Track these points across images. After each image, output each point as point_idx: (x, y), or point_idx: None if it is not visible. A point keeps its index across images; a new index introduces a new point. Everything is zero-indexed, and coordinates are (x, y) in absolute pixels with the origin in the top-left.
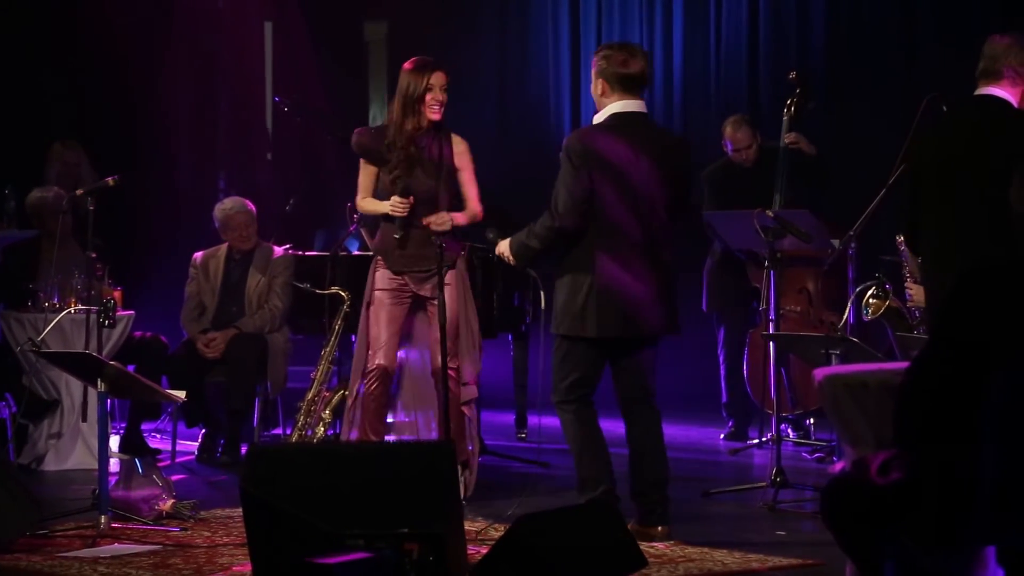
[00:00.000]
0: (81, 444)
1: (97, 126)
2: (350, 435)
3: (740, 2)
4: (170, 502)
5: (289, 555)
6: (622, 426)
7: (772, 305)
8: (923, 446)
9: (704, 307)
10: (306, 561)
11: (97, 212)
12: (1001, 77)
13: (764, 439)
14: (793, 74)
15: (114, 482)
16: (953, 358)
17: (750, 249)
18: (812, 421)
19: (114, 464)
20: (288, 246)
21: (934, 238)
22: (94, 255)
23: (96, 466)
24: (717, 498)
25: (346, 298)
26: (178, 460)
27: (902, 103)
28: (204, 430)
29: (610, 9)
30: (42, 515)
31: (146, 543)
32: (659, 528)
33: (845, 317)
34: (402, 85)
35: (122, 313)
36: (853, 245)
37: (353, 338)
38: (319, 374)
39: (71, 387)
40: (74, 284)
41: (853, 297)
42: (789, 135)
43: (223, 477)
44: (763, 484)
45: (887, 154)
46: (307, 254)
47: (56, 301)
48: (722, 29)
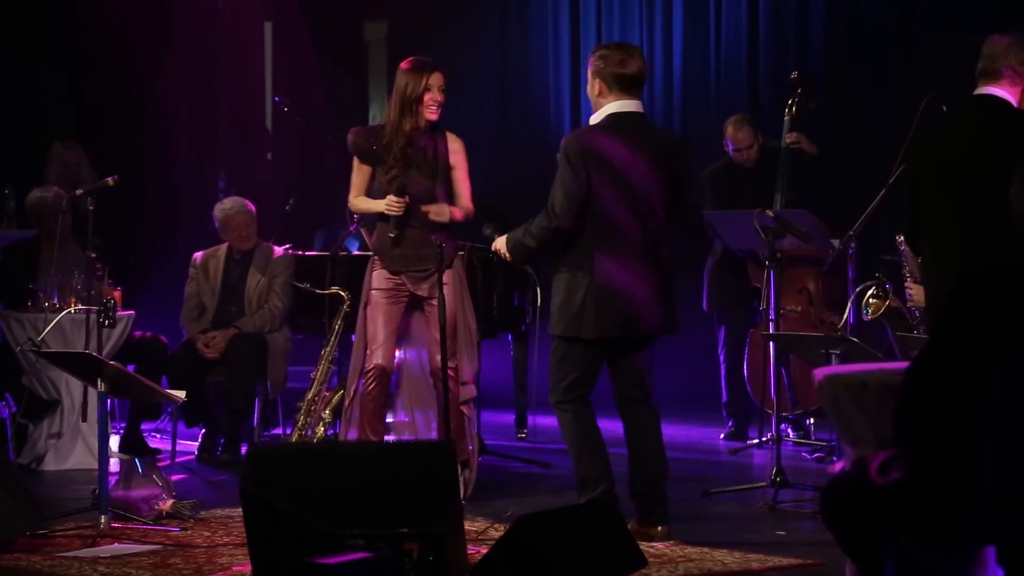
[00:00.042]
0: (81, 444)
1: (97, 126)
2: (349, 435)
3: (740, 2)
4: (170, 502)
5: (289, 555)
6: (620, 426)
7: (772, 305)
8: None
9: (705, 306)
10: (306, 561)
11: (97, 212)
12: (1000, 77)
13: (764, 439)
14: (795, 74)
15: (114, 482)
16: (953, 358)
17: (751, 249)
18: (812, 421)
19: (114, 464)
20: (288, 246)
21: (934, 238)
22: (94, 255)
23: (96, 466)
24: (717, 498)
25: (346, 298)
26: (178, 460)
27: (902, 103)
28: (204, 430)
29: (610, 9)
30: (42, 515)
31: (146, 543)
32: (659, 528)
33: (845, 317)
34: (400, 85)
35: (122, 313)
36: (853, 245)
37: (353, 338)
38: (319, 374)
39: (71, 387)
40: (74, 284)
41: (853, 297)
42: (790, 135)
43: (223, 477)
44: (763, 484)
45: (887, 154)
46: (307, 254)
47: (56, 301)
48: (722, 29)
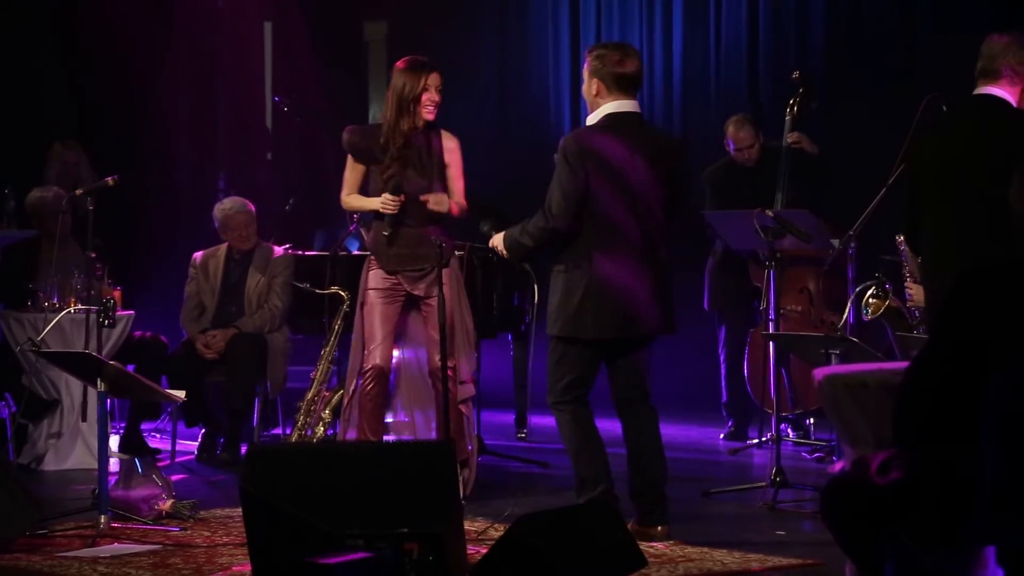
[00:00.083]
0: (81, 444)
1: (97, 126)
2: (348, 435)
3: (740, 2)
4: (170, 502)
5: (289, 555)
6: (619, 425)
7: (772, 305)
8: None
9: (706, 306)
10: (306, 561)
11: (97, 212)
12: (1000, 76)
13: (764, 439)
14: (796, 74)
15: (114, 482)
16: (953, 358)
17: (751, 249)
18: (812, 421)
19: (114, 464)
20: (288, 246)
21: (934, 238)
22: (94, 255)
23: (96, 466)
24: (717, 498)
25: (346, 298)
26: (178, 460)
27: (902, 103)
28: (204, 430)
29: (610, 9)
30: (42, 515)
31: (146, 543)
32: (659, 528)
33: (845, 317)
34: (397, 85)
35: (122, 313)
36: (853, 245)
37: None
38: (319, 374)
39: (71, 387)
40: (74, 284)
41: (853, 297)
42: (791, 135)
43: (223, 477)
44: (763, 484)
45: (887, 154)
46: (307, 254)
47: (56, 301)
48: (722, 29)
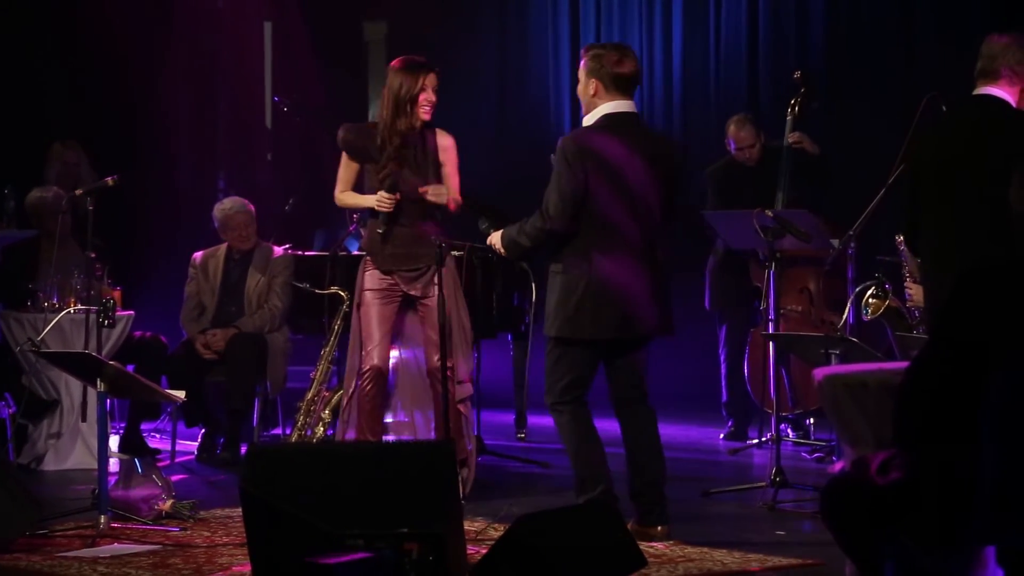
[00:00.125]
0: (81, 444)
1: (97, 126)
2: (346, 436)
3: (740, 2)
4: (169, 502)
5: (289, 555)
6: (617, 425)
7: (772, 305)
8: (923, 446)
9: (707, 305)
10: (306, 561)
11: (97, 212)
12: (999, 77)
13: (764, 439)
14: (798, 73)
15: (114, 482)
16: (953, 358)
17: (751, 249)
18: (812, 421)
19: (114, 464)
20: (288, 246)
21: (934, 238)
22: (94, 255)
23: (96, 466)
24: (717, 498)
25: (346, 298)
26: (178, 460)
27: (902, 103)
28: (204, 430)
29: (609, 9)
30: (42, 515)
31: (146, 543)
32: (658, 528)
33: (845, 317)
34: (394, 85)
35: (121, 313)
36: (853, 245)
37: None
38: (319, 374)
39: (71, 387)
40: (74, 284)
41: (853, 297)
42: (793, 134)
43: (223, 477)
44: (763, 484)
45: (887, 154)
46: (307, 254)
47: (56, 301)
48: (722, 29)
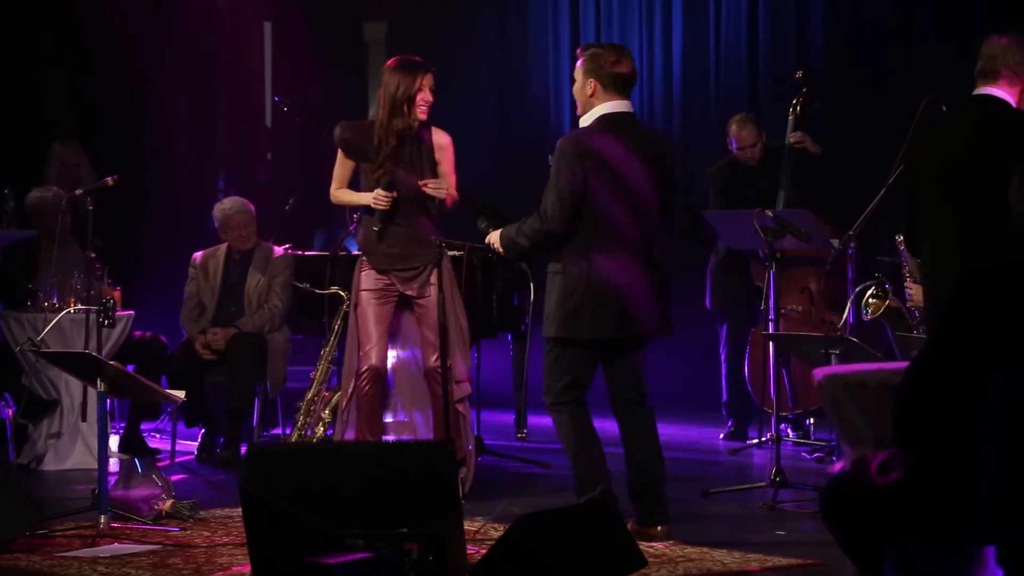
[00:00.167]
0: (81, 444)
1: (97, 126)
2: (345, 436)
3: (740, 2)
4: (169, 502)
5: (289, 555)
6: (615, 425)
7: (772, 305)
8: (923, 446)
9: (708, 304)
10: (306, 561)
11: (97, 212)
12: (999, 77)
13: (764, 439)
14: (800, 73)
15: (114, 482)
16: (953, 358)
17: (752, 248)
18: (812, 421)
19: (114, 464)
20: (288, 246)
21: (934, 238)
22: (94, 255)
23: (96, 466)
24: (717, 498)
25: (346, 298)
26: (178, 460)
27: (902, 103)
28: (204, 430)
29: (609, 9)
30: (42, 515)
31: (145, 543)
32: (658, 528)
33: (845, 317)
34: (390, 85)
35: (121, 313)
36: (853, 245)
37: None
38: (319, 374)
39: (71, 387)
40: (73, 284)
41: (853, 297)
42: (794, 134)
43: (223, 477)
44: (763, 484)
45: (887, 154)
46: (307, 254)
47: (56, 301)
48: (722, 29)
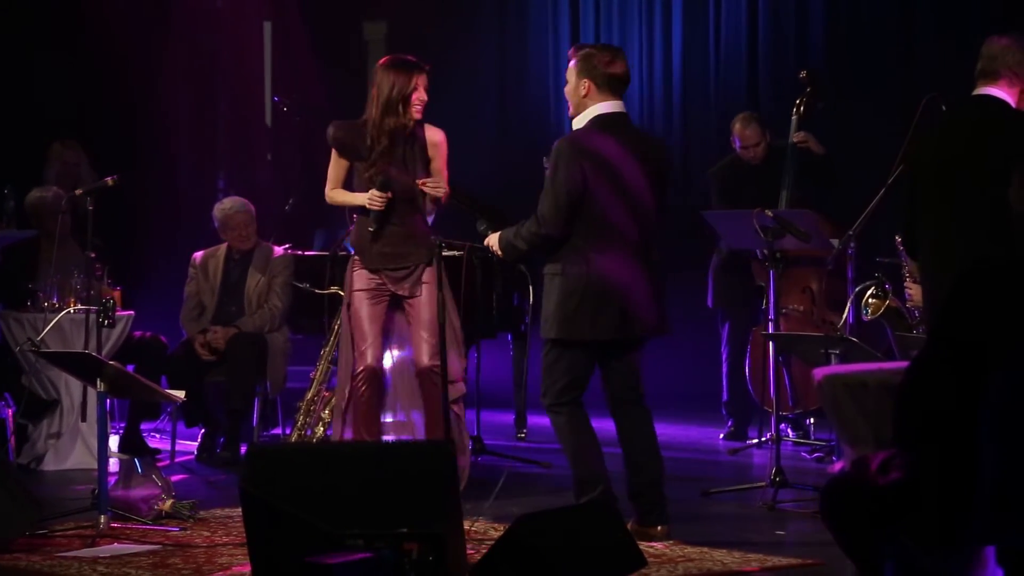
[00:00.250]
0: (80, 444)
1: (97, 126)
2: (343, 436)
3: (740, 2)
4: (169, 502)
5: (289, 555)
6: (613, 425)
7: (772, 304)
8: (923, 446)
9: (709, 303)
10: (306, 561)
11: (97, 212)
12: (999, 77)
13: (763, 439)
14: (804, 73)
15: (113, 482)
16: (953, 358)
17: (753, 248)
18: (812, 421)
19: (113, 464)
20: (288, 246)
21: (933, 238)
22: (93, 255)
23: (95, 466)
24: (717, 498)
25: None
26: (177, 460)
27: (902, 103)
28: (204, 430)
29: (609, 9)
30: (42, 515)
31: (145, 543)
32: (658, 528)
33: (844, 317)
34: (384, 85)
35: (121, 313)
36: (853, 245)
37: None
38: (318, 374)
39: (70, 387)
40: (73, 284)
41: (852, 297)
42: (798, 134)
43: (223, 477)
44: (763, 484)
45: (887, 154)
46: (307, 254)
47: (55, 301)
48: (722, 29)
